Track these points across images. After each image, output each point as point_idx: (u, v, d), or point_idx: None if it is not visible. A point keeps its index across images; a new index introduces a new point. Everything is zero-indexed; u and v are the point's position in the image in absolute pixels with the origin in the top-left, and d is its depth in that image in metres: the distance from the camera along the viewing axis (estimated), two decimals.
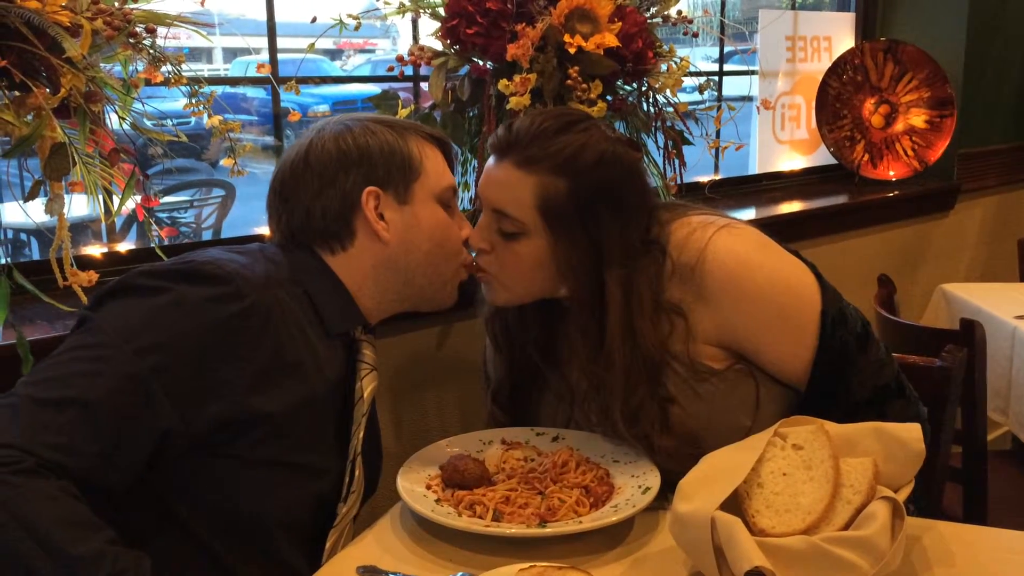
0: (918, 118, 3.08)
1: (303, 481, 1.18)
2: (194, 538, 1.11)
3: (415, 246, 1.28)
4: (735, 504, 1.02)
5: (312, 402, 1.17)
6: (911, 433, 1.07)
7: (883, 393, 1.30)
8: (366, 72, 7.62)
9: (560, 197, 1.25)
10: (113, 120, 1.38)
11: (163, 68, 1.36)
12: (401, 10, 1.92)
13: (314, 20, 1.84)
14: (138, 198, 1.39)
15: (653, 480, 1.21)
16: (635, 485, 1.21)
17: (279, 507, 1.15)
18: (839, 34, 3.24)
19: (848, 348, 1.28)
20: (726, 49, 2.87)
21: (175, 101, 1.44)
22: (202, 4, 1.46)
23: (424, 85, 2.03)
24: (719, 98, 2.78)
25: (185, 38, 1.47)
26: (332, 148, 1.26)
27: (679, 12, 2.05)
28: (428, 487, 1.23)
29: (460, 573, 1.07)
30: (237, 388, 1.09)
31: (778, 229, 1.48)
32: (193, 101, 1.42)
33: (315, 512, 1.21)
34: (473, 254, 1.37)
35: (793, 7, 3.20)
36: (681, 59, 2.02)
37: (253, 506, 1.13)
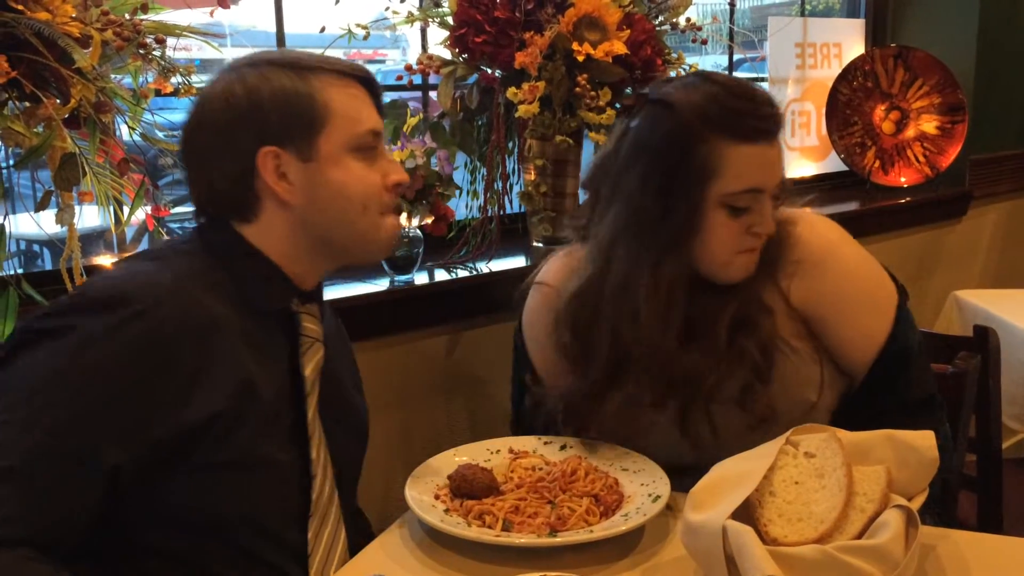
0: (929, 124, 3.07)
1: (267, 474, 1.12)
2: (173, 555, 1.08)
3: (325, 205, 1.15)
4: (747, 513, 1.01)
5: (254, 392, 1.10)
6: (924, 441, 1.06)
7: (930, 403, 1.35)
8: None
9: None
10: (123, 131, 1.39)
11: (173, 79, 1.37)
12: (410, 19, 1.93)
13: (323, 30, 1.85)
14: (148, 208, 1.40)
15: (663, 488, 1.20)
16: (645, 493, 1.20)
17: (249, 506, 1.11)
18: (849, 40, 3.24)
19: (912, 347, 1.33)
20: (735, 56, 2.86)
21: (185, 112, 1.45)
22: (212, 15, 1.46)
23: (433, 94, 2.03)
24: None
25: (195, 49, 1.47)
26: (221, 104, 1.13)
27: (688, 19, 2.05)
28: (436, 497, 1.22)
29: None
30: (171, 402, 1.03)
31: None
32: None
33: (289, 504, 1.15)
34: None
35: (803, 14, 3.20)
36: (690, 66, 2.02)
37: (224, 510, 1.09)
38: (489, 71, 1.90)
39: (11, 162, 1.33)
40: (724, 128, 1.23)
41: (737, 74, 2.93)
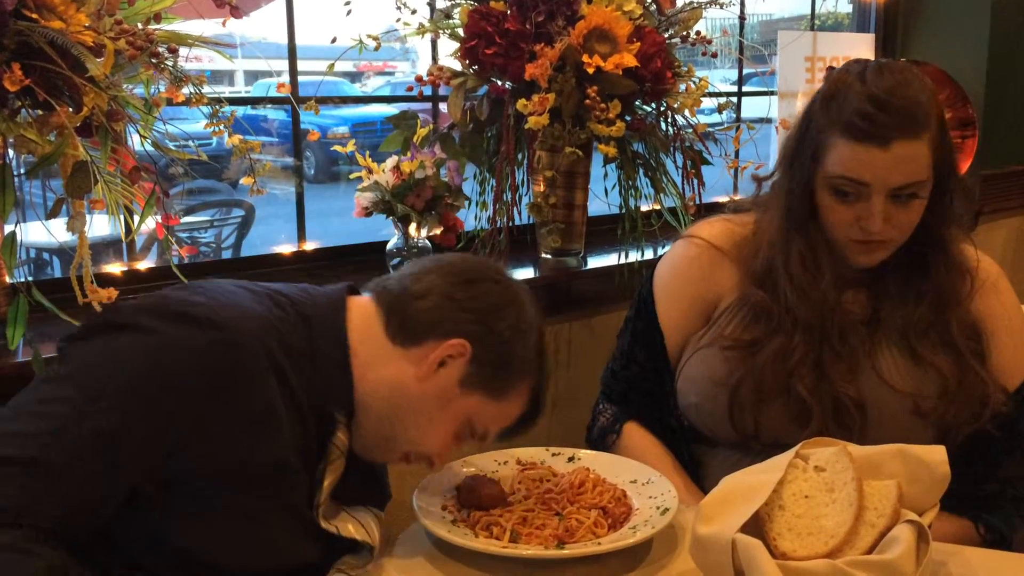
0: None
1: (272, 548, 1.10)
2: None
3: (415, 416, 1.15)
4: (756, 527, 1.01)
5: (285, 468, 1.08)
6: (936, 456, 1.05)
7: None
8: (385, 94, 7.68)
9: (942, 145, 1.32)
10: (135, 139, 1.39)
11: (184, 88, 1.38)
12: (420, 31, 1.94)
13: (334, 41, 1.86)
14: (158, 217, 1.40)
15: (671, 501, 1.19)
16: (653, 506, 1.20)
17: (249, 564, 1.08)
18: (859, 55, 3.23)
19: None
20: (745, 70, 2.87)
21: (196, 122, 1.46)
22: (224, 26, 1.47)
23: (443, 105, 2.04)
24: (738, 118, 2.78)
25: (207, 60, 1.48)
26: (496, 295, 1.17)
27: (698, 33, 2.05)
28: (444, 507, 1.22)
29: None
30: (213, 437, 1.01)
31: None
32: (214, 120, 1.43)
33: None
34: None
35: (812, 28, 3.20)
36: (700, 79, 2.02)
37: (233, 560, 1.06)
38: (499, 83, 1.90)
39: (23, 170, 1.33)
40: (838, 123, 1.29)
41: (746, 88, 2.93)
